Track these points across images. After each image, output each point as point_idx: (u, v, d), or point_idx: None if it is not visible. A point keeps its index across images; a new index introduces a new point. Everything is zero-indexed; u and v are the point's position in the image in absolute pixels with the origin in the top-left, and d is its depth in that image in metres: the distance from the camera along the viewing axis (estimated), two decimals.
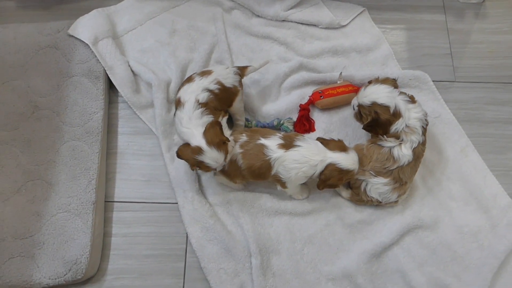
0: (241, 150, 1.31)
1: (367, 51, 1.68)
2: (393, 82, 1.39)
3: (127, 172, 1.51)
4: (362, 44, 1.68)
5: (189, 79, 1.38)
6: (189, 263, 1.41)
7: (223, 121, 1.37)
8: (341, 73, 1.56)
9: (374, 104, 1.34)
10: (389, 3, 1.78)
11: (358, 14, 1.74)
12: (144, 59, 1.63)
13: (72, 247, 1.32)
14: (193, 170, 1.27)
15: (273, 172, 1.30)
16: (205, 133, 1.25)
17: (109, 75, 1.55)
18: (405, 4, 1.78)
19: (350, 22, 1.73)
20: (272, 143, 1.29)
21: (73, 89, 1.51)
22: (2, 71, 1.54)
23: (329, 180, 1.29)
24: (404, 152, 1.34)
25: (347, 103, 1.55)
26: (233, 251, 1.38)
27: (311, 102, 1.56)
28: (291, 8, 1.71)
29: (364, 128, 1.40)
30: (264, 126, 1.53)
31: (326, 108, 1.57)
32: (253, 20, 1.72)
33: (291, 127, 1.53)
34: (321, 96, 1.53)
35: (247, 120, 1.53)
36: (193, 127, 1.28)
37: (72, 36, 1.59)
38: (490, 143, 1.57)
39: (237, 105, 1.44)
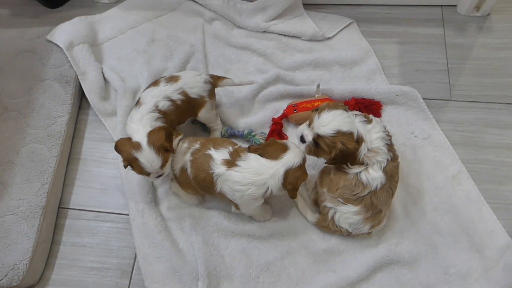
0: (191, 158, 1.21)
1: (352, 65, 1.55)
2: (344, 107, 1.21)
3: (86, 179, 1.46)
4: (346, 57, 1.56)
5: (155, 83, 1.33)
6: (134, 281, 1.30)
7: (176, 140, 1.28)
8: (318, 85, 1.44)
9: (338, 133, 1.15)
10: (381, 15, 1.65)
11: (345, 26, 1.63)
12: (119, 66, 1.60)
13: (13, 252, 1.27)
14: (125, 167, 1.19)
15: (217, 189, 1.17)
16: (150, 133, 1.18)
17: (80, 81, 1.53)
18: (399, 17, 1.64)
19: (336, 34, 1.62)
20: (218, 156, 1.17)
21: (42, 92, 1.51)
22: None
23: (297, 183, 1.14)
24: (373, 175, 1.16)
25: None
26: (180, 272, 1.26)
27: (285, 116, 1.45)
28: (273, 19, 1.63)
29: (329, 162, 1.22)
30: (233, 134, 1.44)
31: (300, 123, 1.44)
32: (234, 31, 1.66)
33: (262, 141, 1.42)
34: (294, 110, 1.42)
35: None
36: (141, 125, 1.22)
37: (50, 41, 1.60)
38: (488, 171, 1.36)
39: (203, 115, 1.36)
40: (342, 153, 1.15)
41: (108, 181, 1.44)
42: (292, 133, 1.45)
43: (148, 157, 1.15)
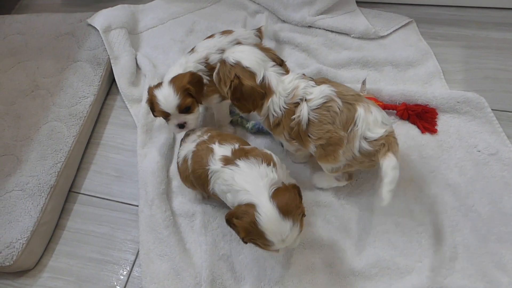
0: (194, 149, 1.07)
1: (407, 66, 1.36)
2: (278, 59, 1.10)
3: (102, 165, 1.36)
4: (401, 57, 1.37)
5: (211, 36, 1.28)
6: (133, 278, 1.16)
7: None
8: (364, 81, 1.26)
9: (238, 65, 1.05)
10: (446, 17, 1.45)
11: (402, 26, 1.45)
12: (154, 54, 1.54)
13: (13, 229, 1.18)
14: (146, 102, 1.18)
15: (210, 187, 1.01)
16: (176, 76, 1.12)
17: (112, 64, 1.48)
18: (467, 19, 1.44)
19: (391, 33, 1.44)
20: (219, 152, 1.00)
21: (73, 73, 1.48)
22: (22, 52, 1.59)
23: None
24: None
25: None
26: (182, 275, 1.10)
27: None
28: (320, 14, 1.49)
29: (231, 99, 1.09)
30: (261, 130, 1.30)
31: None
32: (277, 25, 1.55)
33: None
34: None
35: (242, 118, 1.33)
36: (181, 69, 1.17)
37: (90, 25, 1.59)
38: None
39: None
40: (238, 91, 1.05)
41: (124, 169, 1.34)
42: None
43: (164, 93, 1.10)
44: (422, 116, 1.23)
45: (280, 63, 1.11)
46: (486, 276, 1.01)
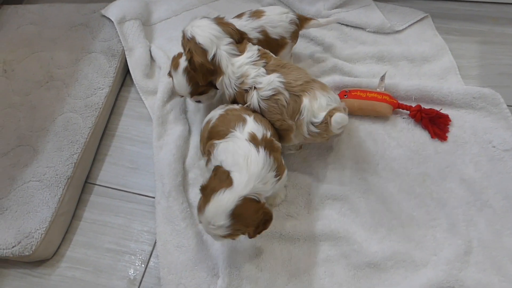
0: (222, 112, 1.10)
1: (422, 61, 1.36)
2: (237, 35, 1.13)
3: (118, 156, 1.37)
4: (416, 52, 1.37)
5: (240, 15, 1.26)
6: (150, 269, 1.17)
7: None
8: (383, 76, 1.26)
9: (192, 40, 1.10)
10: (461, 12, 1.45)
11: (418, 21, 1.45)
12: (168, 46, 1.53)
13: (31, 219, 1.19)
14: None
15: (215, 150, 1.02)
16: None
17: (127, 56, 1.48)
18: (483, 14, 1.43)
19: (406, 28, 1.44)
20: (251, 126, 1.02)
21: (88, 64, 1.48)
22: (36, 42, 1.58)
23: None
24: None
25: (377, 114, 1.24)
26: (199, 266, 1.11)
27: None
28: (336, 7, 1.49)
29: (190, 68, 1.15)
30: None
31: (350, 113, 1.23)
32: None
33: None
34: (345, 95, 1.24)
35: None
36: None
37: (104, 16, 1.58)
38: None
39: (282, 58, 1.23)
40: (192, 63, 1.11)
41: (140, 160, 1.35)
42: None
43: (179, 80, 1.18)
44: (435, 121, 1.23)
45: (239, 39, 1.14)
46: (501, 270, 1.03)
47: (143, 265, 1.18)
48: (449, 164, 1.18)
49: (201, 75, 1.12)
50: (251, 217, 0.93)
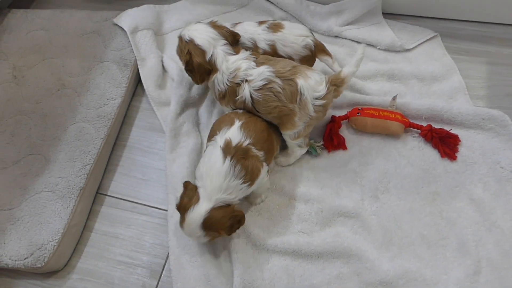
0: (226, 113, 1.23)
1: (432, 80, 1.39)
2: (231, 37, 1.22)
3: (129, 167, 1.37)
4: (426, 71, 1.40)
5: (261, 22, 1.31)
6: (162, 283, 1.18)
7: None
8: (394, 97, 1.28)
9: (191, 42, 1.18)
10: (469, 32, 1.48)
11: (427, 39, 1.48)
12: None
13: (44, 231, 1.19)
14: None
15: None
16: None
17: (139, 66, 1.48)
18: (490, 35, 1.47)
19: (416, 46, 1.47)
20: (233, 133, 1.10)
21: (100, 73, 1.47)
22: (47, 49, 1.58)
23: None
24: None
25: (389, 132, 1.26)
26: (213, 282, 1.12)
27: (347, 117, 1.30)
28: (347, 24, 1.51)
29: (185, 71, 1.23)
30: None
31: (362, 131, 1.29)
32: None
33: (318, 151, 1.28)
34: (358, 113, 1.27)
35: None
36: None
37: (116, 25, 1.58)
38: None
39: None
40: (190, 65, 1.19)
41: (151, 172, 1.35)
42: (350, 138, 1.30)
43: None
44: (445, 141, 1.26)
45: (232, 41, 1.22)
46: None
47: (155, 279, 1.18)
48: (458, 184, 1.21)
49: (198, 75, 1.20)
50: (222, 223, 1.04)
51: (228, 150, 1.06)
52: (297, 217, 1.20)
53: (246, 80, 1.14)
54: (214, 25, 1.23)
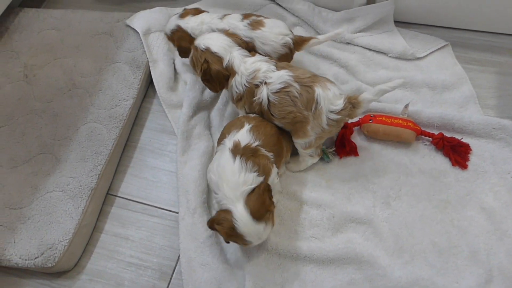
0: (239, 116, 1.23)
1: (443, 89, 1.40)
2: (244, 44, 1.24)
3: (140, 169, 1.37)
4: (438, 80, 1.40)
5: (247, 16, 1.32)
6: (173, 285, 1.17)
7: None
8: (407, 105, 1.29)
9: (207, 51, 1.19)
10: (480, 42, 1.50)
11: (439, 48, 1.49)
12: None
13: (54, 230, 1.18)
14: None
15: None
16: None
17: (151, 68, 1.49)
18: (501, 46, 1.48)
19: (427, 55, 1.48)
20: (243, 135, 1.10)
21: (112, 74, 1.47)
22: (59, 49, 1.58)
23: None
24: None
25: (400, 139, 1.27)
26: (224, 285, 1.12)
27: (359, 124, 1.31)
28: (359, 31, 1.52)
29: (202, 80, 1.24)
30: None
31: (374, 137, 1.30)
32: None
33: (330, 157, 1.29)
34: (370, 120, 1.27)
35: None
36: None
37: (129, 26, 1.59)
38: None
39: None
40: (208, 73, 1.19)
41: (162, 174, 1.35)
42: (361, 144, 1.30)
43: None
44: (456, 149, 1.26)
45: (246, 48, 1.24)
46: None
47: (165, 281, 1.18)
48: (469, 192, 1.22)
49: (218, 82, 1.20)
50: (262, 203, 1.01)
51: (237, 150, 1.06)
52: (309, 222, 1.20)
53: (265, 83, 1.14)
54: (227, 33, 1.24)
